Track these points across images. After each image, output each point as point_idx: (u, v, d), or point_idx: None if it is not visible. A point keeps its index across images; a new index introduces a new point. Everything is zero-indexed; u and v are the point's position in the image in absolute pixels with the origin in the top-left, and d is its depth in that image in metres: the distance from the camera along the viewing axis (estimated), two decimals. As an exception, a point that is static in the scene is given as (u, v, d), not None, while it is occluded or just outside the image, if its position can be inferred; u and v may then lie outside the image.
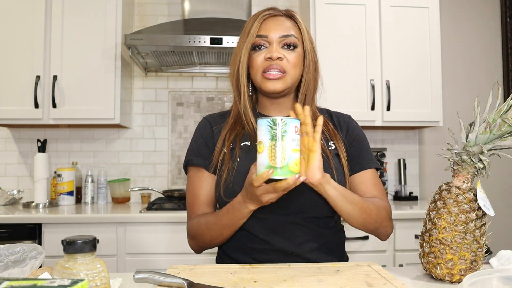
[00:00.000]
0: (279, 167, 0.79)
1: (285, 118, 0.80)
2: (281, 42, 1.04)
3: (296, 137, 0.81)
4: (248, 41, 1.04)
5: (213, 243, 1.05)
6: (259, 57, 1.04)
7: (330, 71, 2.30)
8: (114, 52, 2.27)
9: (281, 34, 1.04)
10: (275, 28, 1.04)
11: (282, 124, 0.79)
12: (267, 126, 0.80)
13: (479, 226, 0.83)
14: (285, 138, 0.79)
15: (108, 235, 1.99)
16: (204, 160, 1.08)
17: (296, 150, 0.81)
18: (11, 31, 2.24)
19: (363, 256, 2.05)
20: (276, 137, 0.79)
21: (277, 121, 0.79)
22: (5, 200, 2.38)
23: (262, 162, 0.81)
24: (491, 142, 0.82)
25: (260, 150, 0.81)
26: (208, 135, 1.11)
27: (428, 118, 2.39)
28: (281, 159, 0.79)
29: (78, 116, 2.25)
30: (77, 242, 0.57)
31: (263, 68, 1.03)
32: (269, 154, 0.79)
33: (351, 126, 1.13)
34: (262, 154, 0.80)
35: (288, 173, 0.80)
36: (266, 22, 1.05)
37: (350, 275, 0.85)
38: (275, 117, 0.80)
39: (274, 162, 0.79)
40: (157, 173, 2.64)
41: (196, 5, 2.42)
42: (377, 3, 2.37)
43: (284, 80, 1.03)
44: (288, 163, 0.79)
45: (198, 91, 2.69)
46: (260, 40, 1.04)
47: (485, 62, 2.83)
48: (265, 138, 0.80)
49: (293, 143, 0.80)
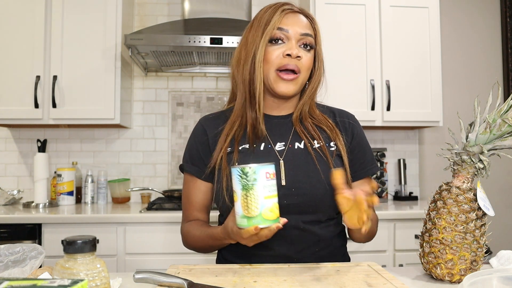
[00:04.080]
0: (253, 216, 0.78)
1: (253, 166, 0.78)
2: (300, 40, 1.00)
3: (269, 182, 0.79)
4: (266, 32, 0.97)
5: (204, 252, 1.09)
6: (276, 52, 0.98)
7: (330, 71, 2.28)
8: (114, 52, 2.27)
9: (302, 31, 0.99)
10: (297, 24, 0.99)
11: (251, 173, 0.77)
12: (237, 176, 0.78)
13: (479, 226, 0.83)
14: (255, 187, 0.77)
15: (108, 235, 1.99)
16: (197, 168, 1.08)
17: (270, 196, 0.79)
18: (11, 31, 2.23)
19: (363, 256, 2.05)
20: (246, 187, 0.78)
21: (246, 170, 0.77)
22: (5, 200, 2.38)
23: (237, 211, 0.81)
24: (491, 142, 0.82)
25: (235, 199, 0.81)
26: (201, 141, 1.09)
27: (428, 118, 2.39)
28: (254, 209, 0.78)
29: (78, 116, 2.25)
30: (77, 242, 0.57)
31: (279, 65, 0.98)
32: (242, 204, 0.79)
33: (355, 132, 1.09)
34: (237, 203, 0.80)
35: (262, 221, 0.79)
36: (287, 17, 1.00)
37: (350, 275, 0.85)
38: (244, 166, 0.78)
39: (248, 212, 0.78)
40: (157, 173, 2.64)
41: (196, 5, 2.42)
42: (377, 3, 2.37)
43: (297, 82, 1.00)
44: (261, 211, 0.78)
45: (198, 91, 2.69)
46: (280, 33, 0.98)
47: (485, 62, 2.83)
48: (237, 187, 0.79)
49: (265, 190, 0.78)
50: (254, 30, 1.01)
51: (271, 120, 1.08)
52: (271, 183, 0.79)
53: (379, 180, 2.53)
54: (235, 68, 1.06)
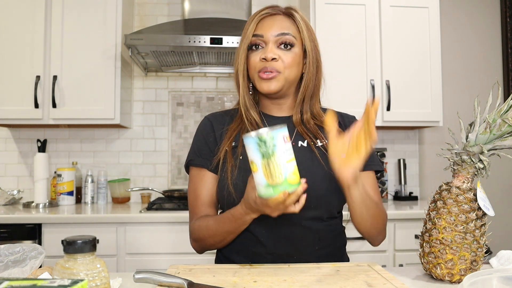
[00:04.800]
0: (278, 183, 0.76)
1: (270, 130, 0.74)
2: (277, 41, 1.02)
3: (287, 146, 0.76)
4: (244, 41, 1.04)
5: (215, 246, 1.05)
6: (255, 57, 1.03)
7: (330, 71, 2.29)
8: (114, 52, 2.27)
9: (277, 32, 1.02)
10: (271, 27, 1.02)
11: (269, 140, 0.74)
12: (255, 144, 0.74)
13: (479, 226, 0.83)
14: (276, 153, 0.74)
15: (108, 235, 1.99)
16: (205, 160, 1.07)
17: (291, 160, 0.76)
18: (11, 31, 2.24)
19: (363, 256, 2.05)
20: (266, 155, 0.74)
21: (263, 137, 0.73)
22: (5, 200, 2.38)
23: (259, 182, 0.77)
24: (491, 142, 0.82)
25: (254, 169, 0.76)
26: (209, 134, 1.10)
27: (428, 118, 2.39)
28: (278, 175, 0.75)
29: (78, 116, 2.25)
30: (77, 242, 0.57)
31: (259, 68, 1.02)
32: (264, 173, 0.75)
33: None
34: (257, 173, 0.76)
35: (288, 186, 0.77)
36: (263, 21, 1.04)
37: (350, 275, 0.85)
38: (261, 131, 0.74)
39: (272, 180, 0.75)
40: (157, 173, 2.64)
41: (196, 5, 2.42)
42: (377, 3, 2.37)
43: (278, 79, 1.02)
44: (286, 177, 0.76)
45: (198, 91, 2.69)
46: (256, 39, 1.03)
47: (485, 62, 2.83)
48: (256, 157, 0.75)
49: (285, 154, 0.75)
50: (241, 40, 1.06)
51: (273, 120, 1.09)
52: (288, 146, 0.77)
53: (379, 180, 2.53)
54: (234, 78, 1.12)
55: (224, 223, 0.98)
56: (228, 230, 0.98)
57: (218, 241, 1.02)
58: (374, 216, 0.99)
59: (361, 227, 1.01)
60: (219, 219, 1.00)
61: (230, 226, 0.97)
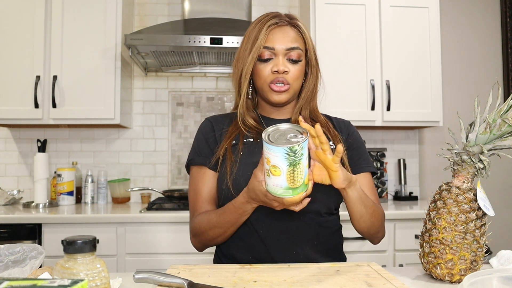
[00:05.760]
0: (298, 186, 0.79)
1: (301, 141, 0.76)
2: (286, 55, 1.06)
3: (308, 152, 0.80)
4: (254, 51, 1.06)
5: (216, 240, 1.06)
6: (266, 69, 1.06)
7: (330, 71, 2.30)
8: (114, 52, 2.27)
9: (287, 46, 1.06)
10: (282, 40, 1.06)
11: (299, 149, 0.76)
12: (284, 154, 0.76)
13: (479, 226, 0.83)
14: (302, 161, 0.77)
15: (108, 235, 1.99)
16: (206, 158, 1.10)
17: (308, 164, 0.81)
18: (11, 31, 2.23)
19: (363, 256, 2.05)
20: (294, 163, 0.76)
21: (294, 148, 0.75)
22: (5, 200, 2.38)
23: (279, 184, 0.79)
24: (491, 142, 0.82)
25: (276, 173, 0.78)
26: (209, 134, 1.13)
27: (428, 118, 2.39)
28: (299, 179, 0.79)
29: (78, 116, 2.25)
30: (77, 242, 0.57)
31: (270, 80, 1.06)
32: (287, 178, 0.78)
33: (351, 131, 1.17)
34: (280, 177, 0.78)
35: (304, 188, 0.81)
36: (272, 33, 1.06)
37: (350, 275, 0.85)
38: (293, 145, 0.75)
39: (293, 184, 0.79)
40: (157, 173, 2.64)
41: (196, 5, 2.42)
42: (377, 3, 2.37)
43: (288, 92, 1.07)
44: (304, 179, 0.80)
45: (198, 91, 2.69)
46: (267, 51, 1.06)
47: (485, 62, 2.83)
48: (282, 164, 0.77)
49: (307, 160, 0.79)
50: (244, 47, 1.09)
51: (272, 122, 1.12)
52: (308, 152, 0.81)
53: (379, 180, 2.53)
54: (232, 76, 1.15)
55: (225, 214, 0.99)
56: (230, 220, 0.99)
57: (219, 234, 1.03)
58: (372, 214, 1.01)
59: (361, 226, 1.03)
60: (220, 211, 1.01)
61: (231, 217, 0.99)
